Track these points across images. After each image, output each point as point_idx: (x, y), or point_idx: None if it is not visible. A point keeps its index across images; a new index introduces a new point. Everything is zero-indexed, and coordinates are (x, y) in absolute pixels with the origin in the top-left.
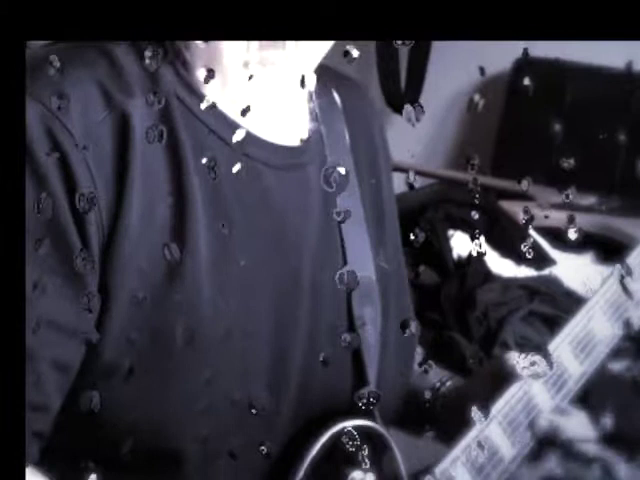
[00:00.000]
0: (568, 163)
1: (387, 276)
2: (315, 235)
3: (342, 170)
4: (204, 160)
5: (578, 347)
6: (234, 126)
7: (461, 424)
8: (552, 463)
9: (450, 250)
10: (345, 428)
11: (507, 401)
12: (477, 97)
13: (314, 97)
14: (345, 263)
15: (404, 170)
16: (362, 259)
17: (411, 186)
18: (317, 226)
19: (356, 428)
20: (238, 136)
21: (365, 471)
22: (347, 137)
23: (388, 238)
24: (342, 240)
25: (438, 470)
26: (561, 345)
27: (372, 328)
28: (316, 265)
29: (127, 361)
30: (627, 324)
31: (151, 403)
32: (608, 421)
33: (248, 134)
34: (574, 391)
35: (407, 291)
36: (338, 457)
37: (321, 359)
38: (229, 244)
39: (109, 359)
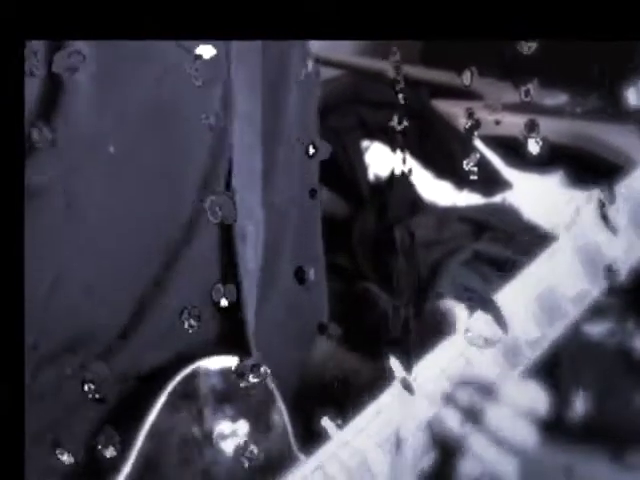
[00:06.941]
0: (528, 47)
1: (281, 214)
2: (202, 162)
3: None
4: None
5: (537, 304)
6: None
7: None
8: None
9: (364, 169)
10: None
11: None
12: None
13: None
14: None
15: None
16: (250, 189)
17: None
18: (206, 151)
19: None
20: None
21: (235, 420)
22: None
23: (284, 166)
24: (231, 166)
25: None
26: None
27: (249, 278)
28: (198, 198)
29: None
30: (609, 272)
31: None
32: (583, 402)
33: None
34: (529, 364)
35: (316, 237)
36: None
37: (187, 315)
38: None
39: None
